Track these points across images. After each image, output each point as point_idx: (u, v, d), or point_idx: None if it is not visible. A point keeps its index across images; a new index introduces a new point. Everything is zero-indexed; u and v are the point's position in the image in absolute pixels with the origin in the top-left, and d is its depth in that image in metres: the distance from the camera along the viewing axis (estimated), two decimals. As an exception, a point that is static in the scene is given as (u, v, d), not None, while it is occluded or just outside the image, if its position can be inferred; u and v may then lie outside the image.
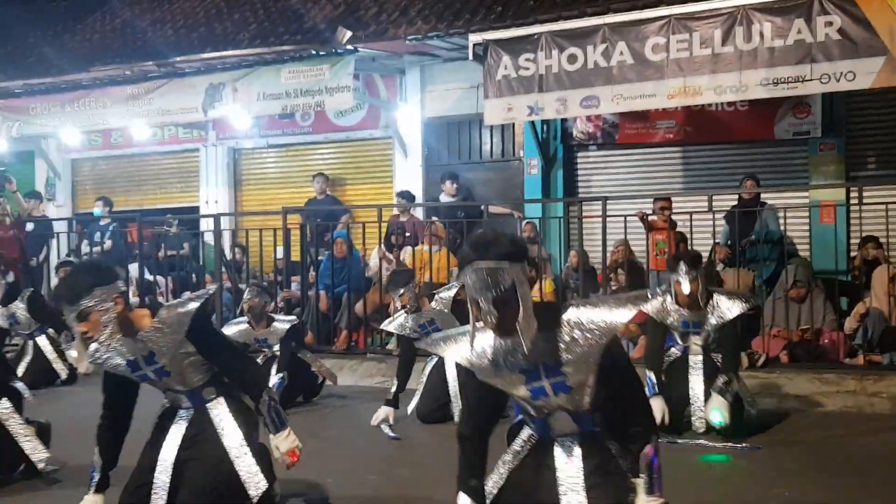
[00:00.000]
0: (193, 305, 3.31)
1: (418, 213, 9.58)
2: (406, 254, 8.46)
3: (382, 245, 8.59)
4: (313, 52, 9.11)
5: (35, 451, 4.23)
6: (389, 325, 6.00)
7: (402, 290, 5.76)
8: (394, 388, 5.52)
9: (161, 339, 3.27)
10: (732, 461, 4.56)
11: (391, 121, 10.25)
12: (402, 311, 5.83)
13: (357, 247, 8.67)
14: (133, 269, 9.59)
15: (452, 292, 5.79)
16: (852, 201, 7.83)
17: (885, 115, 8.43)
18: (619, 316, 2.53)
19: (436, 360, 5.73)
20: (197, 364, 3.37)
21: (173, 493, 3.28)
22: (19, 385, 4.49)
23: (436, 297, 5.85)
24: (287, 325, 6.37)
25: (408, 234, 8.80)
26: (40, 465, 4.22)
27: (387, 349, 7.96)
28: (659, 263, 7.48)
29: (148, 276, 9.47)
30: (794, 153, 8.81)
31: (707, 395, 5.03)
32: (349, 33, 8.82)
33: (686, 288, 5.05)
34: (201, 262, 10.11)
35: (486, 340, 2.58)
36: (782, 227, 7.46)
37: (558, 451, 2.62)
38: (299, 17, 10.30)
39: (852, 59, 6.69)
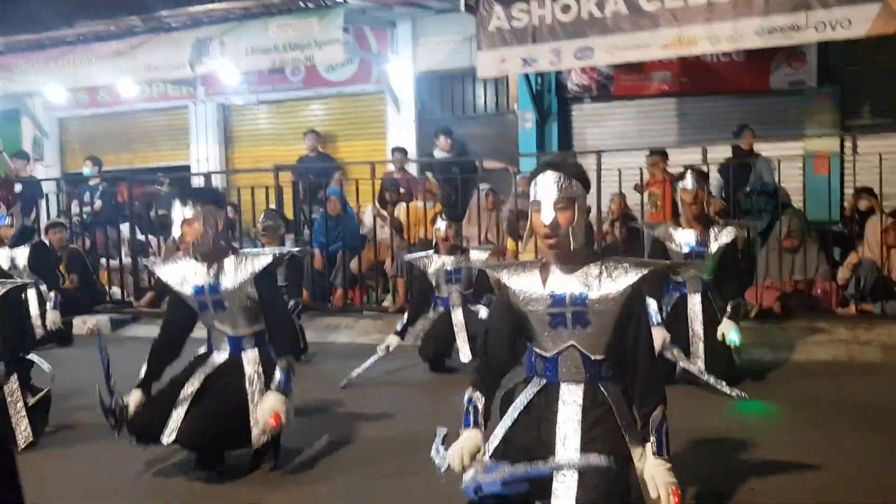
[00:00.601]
0: (269, 258, 3.65)
1: (412, 168, 9.51)
2: (400, 210, 8.43)
3: (376, 202, 8.55)
4: (301, 5, 8.95)
5: (23, 431, 4.16)
6: (410, 256, 6.09)
7: (452, 224, 5.85)
8: (403, 321, 5.75)
9: (232, 274, 3.60)
10: (716, 400, 4.61)
11: (383, 75, 10.12)
12: (435, 254, 5.87)
13: (351, 204, 8.62)
14: (124, 229, 9.55)
15: (486, 255, 5.90)
16: (846, 151, 7.81)
17: (881, 63, 8.36)
18: (648, 267, 2.67)
19: (442, 309, 5.87)
20: (250, 312, 3.65)
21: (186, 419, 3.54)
22: (35, 358, 4.40)
23: (471, 251, 5.93)
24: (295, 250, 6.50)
25: (402, 191, 8.76)
26: (21, 445, 4.16)
27: (383, 306, 7.98)
28: (654, 217, 7.47)
29: (140, 237, 9.43)
30: (790, 103, 8.76)
31: (707, 337, 5.03)
32: (338, -15, 8.65)
33: (690, 186, 5.11)
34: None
35: (531, 270, 2.77)
36: (776, 179, 7.45)
37: (563, 395, 2.72)
38: (287, -32, 10.09)
39: (848, 7, 6.61)
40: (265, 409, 3.48)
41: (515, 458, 2.62)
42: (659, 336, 4.78)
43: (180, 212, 3.59)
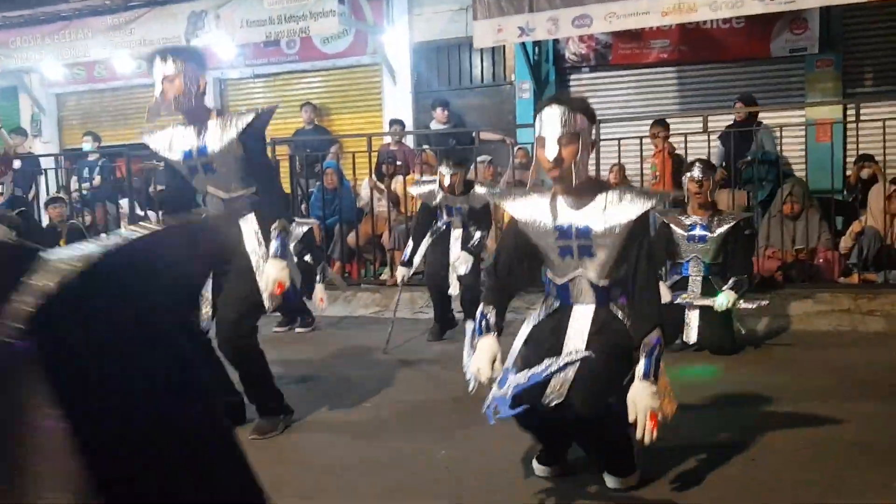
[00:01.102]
0: (251, 116, 3.64)
1: (409, 141, 9.43)
2: (397, 183, 8.37)
3: (373, 175, 8.48)
4: (296, -24, 8.83)
5: None
6: (417, 189, 6.05)
7: (456, 170, 5.76)
8: (408, 251, 5.92)
9: (217, 134, 3.59)
10: (716, 371, 4.60)
11: (379, 47, 10.00)
12: (440, 189, 5.83)
13: (347, 177, 8.56)
14: (124, 204, 9.50)
15: (484, 198, 5.83)
16: (849, 119, 7.71)
17: (883, 29, 8.24)
18: (651, 199, 2.76)
19: (438, 233, 5.89)
20: (239, 172, 3.63)
21: None
22: None
23: (474, 188, 5.87)
24: (305, 228, 6.46)
25: (399, 163, 8.69)
26: None
27: (380, 279, 7.94)
28: (654, 187, 7.40)
29: (139, 212, 9.38)
30: (791, 71, 8.64)
31: (703, 316, 5.14)
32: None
33: (697, 176, 5.28)
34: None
35: (538, 201, 2.87)
36: (778, 147, 7.36)
37: (574, 315, 2.86)
38: (281, -62, 9.94)
39: (851, -29, 6.49)
40: (268, 280, 3.51)
41: (529, 360, 2.78)
42: (665, 293, 4.91)
43: (160, 68, 3.54)
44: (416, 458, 3.38)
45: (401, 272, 5.92)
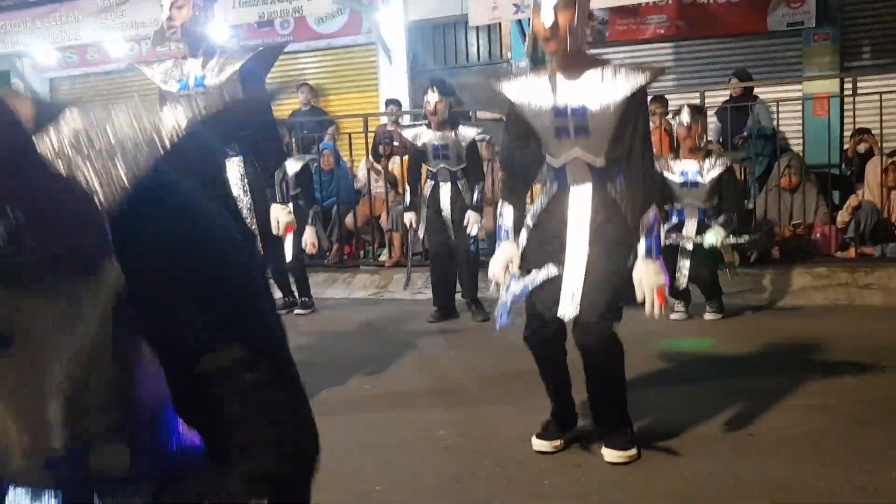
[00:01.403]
0: (251, 53, 3.67)
1: (406, 120, 9.38)
2: (394, 163, 8.34)
3: (370, 155, 8.45)
4: (289, -45, 8.75)
5: None
6: (409, 132, 6.06)
7: (442, 96, 5.70)
8: (408, 195, 6.01)
9: (218, 67, 3.57)
10: (714, 345, 4.62)
11: (374, 26, 9.93)
12: (427, 128, 5.83)
13: (344, 158, 8.52)
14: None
15: (475, 132, 5.81)
16: (846, 92, 7.69)
17: (881, 3, 8.19)
18: (645, 74, 2.76)
19: (431, 183, 5.83)
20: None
21: None
22: None
23: (461, 126, 5.82)
24: (299, 166, 6.59)
25: (396, 143, 8.65)
26: None
27: (379, 261, 7.94)
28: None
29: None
30: (788, 45, 8.60)
31: (696, 253, 5.28)
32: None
33: (685, 120, 5.36)
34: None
35: (535, 81, 2.90)
36: (775, 122, 7.34)
37: (572, 198, 2.88)
38: (273, -82, 9.84)
39: (848, -57, 6.44)
40: (280, 224, 3.59)
41: (537, 260, 2.85)
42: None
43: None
44: (416, 439, 3.40)
45: (408, 217, 6.02)
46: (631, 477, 2.91)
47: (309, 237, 6.10)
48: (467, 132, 5.77)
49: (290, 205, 3.68)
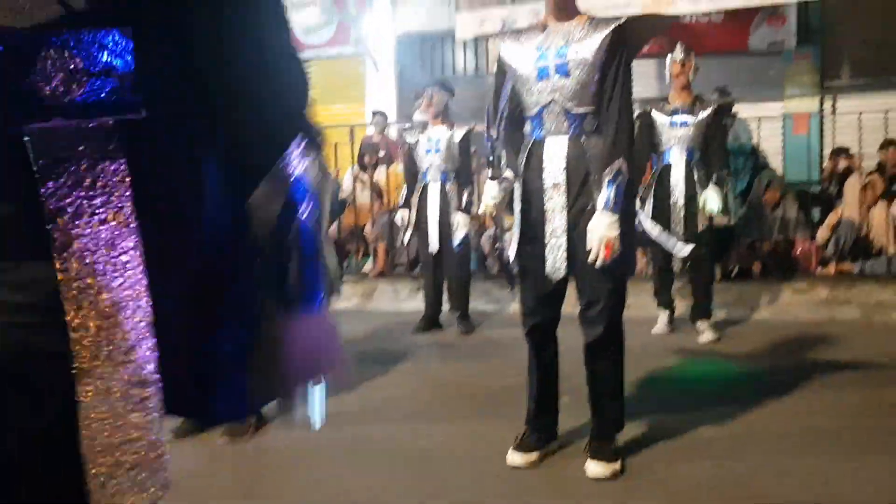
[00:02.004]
0: None
1: (392, 131, 9.43)
2: (380, 174, 8.37)
3: (356, 165, 8.48)
4: (277, -33, 8.77)
5: None
6: (412, 136, 6.03)
7: (441, 91, 5.77)
8: (404, 193, 6.07)
9: None
10: (696, 358, 4.66)
11: (362, 37, 9.98)
12: (417, 131, 5.92)
13: (329, 168, 8.52)
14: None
15: (464, 130, 5.81)
16: (826, 111, 7.82)
17: (860, 23, 8.34)
18: (619, 20, 2.86)
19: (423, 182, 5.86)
20: None
21: None
22: None
23: (454, 127, 5.84)
24: None
25: (381, 154, 8.69)
26: None
27: (363, 271, 7.95)
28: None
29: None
30: (769, 64, 8.73)
31: (688, 201, 5.24)
32: (314, -55, 8.50)
33: (679, 56, 5.40)
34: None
35: (528, 34, 3.00)
36: (755, 140, 7.44)
37: (547, 150, 2.92)
38: (261, -72, 9.88)
39: (829, -35, 6.57)
40: None
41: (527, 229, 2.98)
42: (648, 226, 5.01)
43: None
44: (398, 450, 3.41)
45: (400, 214, 6.10)
46: (615, 490, 2.93)
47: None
48: (459, 132, 5.79)
49: None
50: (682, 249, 4.77)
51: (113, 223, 0.82)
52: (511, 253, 3.08)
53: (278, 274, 0.97)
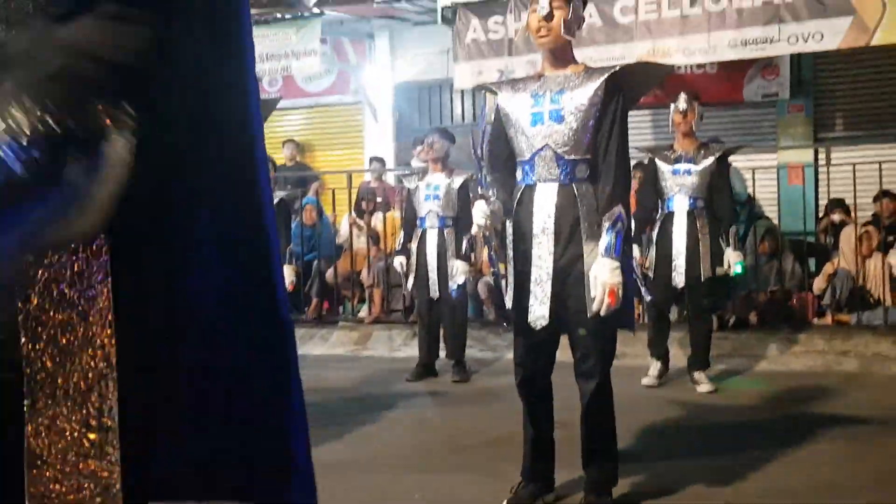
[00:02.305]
0: None
1: (389, 178, 9.49)
2: (377, 220, 8.40)
3: (353, 211, 8.51)
4: (279, 16, 8.93)
5: None
6: (411, 182, 6.02)
7: (442, 139, 5.78)
8: (401, 238, 6.07)
9: None
10: (692, 409, 4.62)
11: (361, 86, 10.10)
12: (417, 177, 5.94)
13: (327, 213, 8.57)
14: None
15: (463, 177, 5.76)
16: (820, 162, 7.88)
17: (853, 75, 8.45)
18: (613, 68, 2.92)
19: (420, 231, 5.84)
20: None
21: None
22: None
23: (455, 174, 5.82)
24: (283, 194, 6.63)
25: (379, 200, 8.73)
26: None
27: (358, 317, 7.93)
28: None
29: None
30: (764, 115, 8.82)
31: (689, 251, 5.23)
32: (316, -4, 8.65)
33: (682, 106, 5.39)
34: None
35: (523, 78, 3.14)
36: (750, 190, 7.48)
37: (537, 197, 2.92)
38: (265, -21, 10.07)
39: (820, 20, 6.69)
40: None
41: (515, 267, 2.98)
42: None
43: None
44: (392, 500, 3.36)
45: (398, 260, 6.03)
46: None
47: (287, 276, 6.07)
48: (460, 178, 5.79)
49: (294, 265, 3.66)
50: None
51: (83, 254, 0.77)
52: (508, 300, 3.06)
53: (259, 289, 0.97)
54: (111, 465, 0.73)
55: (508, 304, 3.05)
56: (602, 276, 2.73)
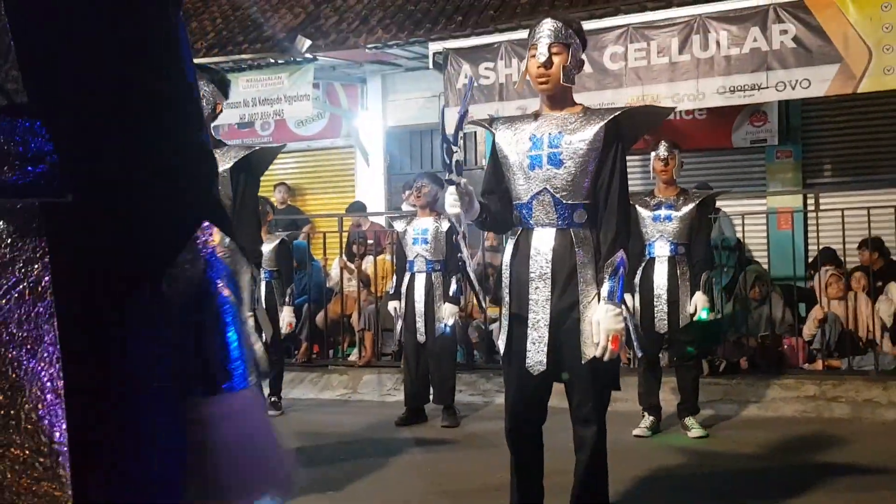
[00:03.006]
0: (250, 149, 3.72)
1: (382, 221, 9.50)
2: (368, 263, 8.39)
3: (343, 255, 8.50)
4: (272, 61, 9.03)
5: None
6: (400, 225, 6.01)
7: (430, 183, 5.81)
8: (393, 284, 6.15)
9: (220, 154, 3.54)
10: (683, 455, 4.57)
11: (353, 130, 10.18)
12: (406, 219, 5.96)
13: (318, 257, 8.55)
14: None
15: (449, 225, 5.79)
16: (809, 208, 7.93)
17: (840, 122, 8.57)
18: (615, 112, 2.89)
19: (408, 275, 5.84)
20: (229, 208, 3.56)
21: None
22: None
23: (441, 220, 5.80)
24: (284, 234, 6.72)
25: (370, 243, 8.73)
26: None
27: (349, 361, 7.87)
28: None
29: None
30: (752, 161, 8.91)
31: (670, 297, 5.26)
32: (308, 42, 8.76)
33: (663, 154, 5.40)
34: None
35: (521, 120, 3.04)
36: (739, 235, 7.52)
37: (534, 241, 2.89)
38: (258, 25, 10.20)
39: (807, 67, 6.79)
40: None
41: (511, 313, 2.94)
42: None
43: None
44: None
45: (391, 305, 6.05)
46: None
47: (287, 316, 6.04)
48: (448, 222, 5.76)
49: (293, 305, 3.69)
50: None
51: (29, 298, 0.85)
52: (501, 344, 3.03)
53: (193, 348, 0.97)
54: (62, 485, 0.81)
55: (501, 347, 3.02)
56: (605, 322, 2.70)
